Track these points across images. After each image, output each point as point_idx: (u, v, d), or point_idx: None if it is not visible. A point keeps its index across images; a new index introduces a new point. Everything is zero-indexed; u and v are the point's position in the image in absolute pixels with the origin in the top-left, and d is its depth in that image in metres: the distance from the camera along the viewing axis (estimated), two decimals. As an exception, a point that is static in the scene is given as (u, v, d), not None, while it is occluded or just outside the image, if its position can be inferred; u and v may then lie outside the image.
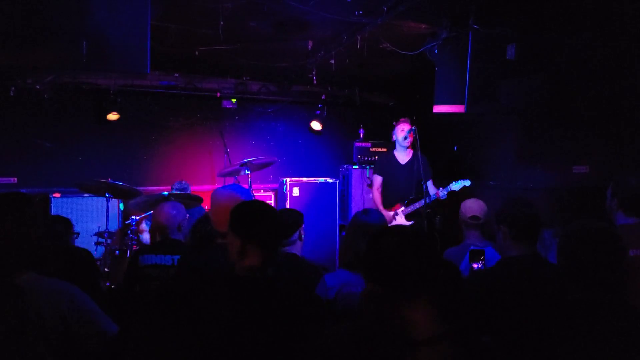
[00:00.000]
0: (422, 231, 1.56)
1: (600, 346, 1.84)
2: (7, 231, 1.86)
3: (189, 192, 6.22)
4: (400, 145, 5.91)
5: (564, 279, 2.10)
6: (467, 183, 5.45)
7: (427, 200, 5.20)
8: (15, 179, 6.37)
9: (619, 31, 4.25)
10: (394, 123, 6.05)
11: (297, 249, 3.07)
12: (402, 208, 5.70)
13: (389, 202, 5.83)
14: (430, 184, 5.70)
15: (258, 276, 2.04)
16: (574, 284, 2.03)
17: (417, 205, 5.56)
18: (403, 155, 5.94)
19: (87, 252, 3.48)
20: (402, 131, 5.83)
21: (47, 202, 6.04)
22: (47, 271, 1.92)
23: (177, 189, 6.08)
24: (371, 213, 2.93)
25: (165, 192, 4.95)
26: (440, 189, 5.55)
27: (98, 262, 4.68)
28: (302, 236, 3.10)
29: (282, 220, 2.87)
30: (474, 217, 3.65)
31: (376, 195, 5.98)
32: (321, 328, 2.00)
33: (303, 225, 3.16)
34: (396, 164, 5.93)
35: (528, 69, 4.53)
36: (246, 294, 1.99)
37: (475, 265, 3.12)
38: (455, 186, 5.47)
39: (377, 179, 6.01)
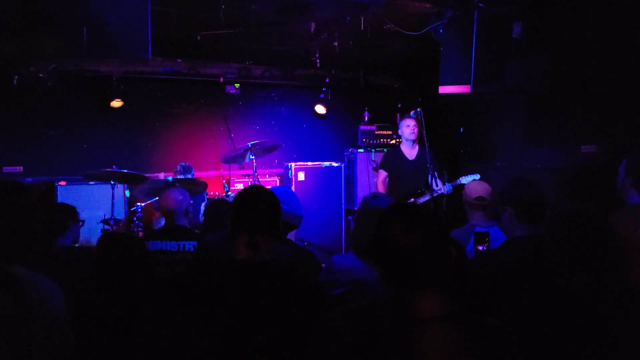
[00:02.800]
0: (434, 218, 1.52)
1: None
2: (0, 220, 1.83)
3: (192, 173, 6.23)
4: (407, 140, 5.95)
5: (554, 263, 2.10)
6: (477, 177, 5.42)
7: (434, 195, 5.25)
8: (21, 167, 6.39)
9: (627, 7, 4.17)
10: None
11: (290, 234, 3.08)
12: (411, 200, 5.69)
13: (399, 196, 5.81)
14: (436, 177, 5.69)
15: (266, 260, 2.04)
16: (563, 268, 2.04)
17: (426, 197, 5.56)
18: (410, 150, 5.97)
19: (139, 241, 3.39)
20: (407, 127, 5.89)
21: (53, 190, 6.05)
22: (39, 262, 1.88)
23: (180, 170, 6.11)
24: (380, 197, 2.91)
25: (170, 178, 4.96)
26: (447, 184, 5.55)
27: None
28: None
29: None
30: (479, 198, 3.64)
31: (380, 188, 6.02)
32: (326, 310, 2.00)
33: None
34: (404, 159, 5.96)
35: (535, 48, 4.46)
36: (256, 279, 1.98)
37: (480, 247, 3.12)
38: (465, 180, 5.45)
39: (382, 174, 6.07)
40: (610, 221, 2.87)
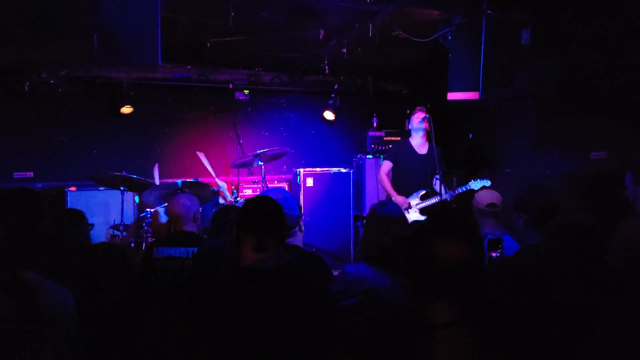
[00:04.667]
0: (474, 230, 1.53)
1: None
2: (12, 227, 1.84)
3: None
4: (416, 131, 5.87)
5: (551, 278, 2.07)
6: (487, 183, 5.39)
7: (441, 199, 5.24)
8: (32, 173, 6.44)
9: (636, 12, 4.15)
10: (408, 111, 6.00)
11: (298, 240, 3.08)
12: (417, 201, 5.66)
13: (403, 191, 5.78)
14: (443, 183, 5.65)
15: (272, 267, 2.04)
16: (560, 282, 2.02)
17: (433, 200, 5.54)
18: (420, 144, 5.89)
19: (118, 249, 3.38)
20: (417, 118, 5.81)
21: (63, 195, 6.09)
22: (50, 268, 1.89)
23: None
24: (388, 204, 2.92)
25: (179, 182, 4.96)
26: (459, 188, 5.50)
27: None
28: (302, 227, 3.12)
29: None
30: (491, 205, 3.61)
31: (384, 178, 5.95)
32: (335, 316, 2.00)
33: (302, 217, 3.18)
34: (412, 152, 5.88)
35: (543, 54, 4.44)
36: (263, 285, 1.98)
37: (494, 254, 3.10)
38: (475, 185, 5.42)
39: (387, 164, 6.00)
40: (631, 228, 2.83)
